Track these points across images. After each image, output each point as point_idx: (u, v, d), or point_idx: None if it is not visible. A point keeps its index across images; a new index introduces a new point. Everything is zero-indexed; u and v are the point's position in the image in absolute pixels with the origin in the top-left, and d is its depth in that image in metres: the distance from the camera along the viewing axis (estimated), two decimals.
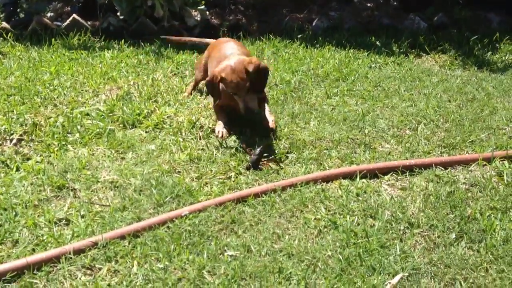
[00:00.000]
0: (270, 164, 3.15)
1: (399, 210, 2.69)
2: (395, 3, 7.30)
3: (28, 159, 3.21)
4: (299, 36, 5.99)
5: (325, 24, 6.42)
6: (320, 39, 5.92)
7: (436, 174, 3.03)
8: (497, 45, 5.81)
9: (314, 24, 6.42)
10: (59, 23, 6.03)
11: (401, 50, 5.61)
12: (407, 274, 2.26)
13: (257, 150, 3.13)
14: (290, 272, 2.26)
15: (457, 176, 3.03)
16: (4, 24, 5.85)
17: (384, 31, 6.17)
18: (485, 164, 3.15)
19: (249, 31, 6.20)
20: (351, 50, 5.53)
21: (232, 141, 3.42)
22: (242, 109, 3.43)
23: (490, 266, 2.32)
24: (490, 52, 5.60)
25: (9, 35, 5.60)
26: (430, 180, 2.99)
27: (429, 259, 2.35)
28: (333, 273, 2.26)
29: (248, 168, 3.10)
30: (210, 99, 3.82)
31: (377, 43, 5.84)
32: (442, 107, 4.02)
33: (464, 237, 2.49)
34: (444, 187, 2.89)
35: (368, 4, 7.26)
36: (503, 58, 5.50)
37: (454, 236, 2.50)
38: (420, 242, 2.48)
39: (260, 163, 3.13)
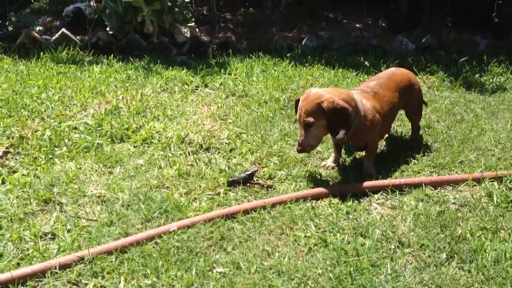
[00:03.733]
0: (257, 185, 3.12)
1: (390, 229, 2.67)
2: (383, 24, 7.38)
3: (14, 172, 3.17)
4: (288, 54, 6.03)
5: (314, 43, 6.46)
6: (309, 58, 5.95)
7: (426, 194, 3.02)
8: (485, 67, 5.88)
9: (303, 43, 6.46)
10: (48, 37, 5.99)
11: None
12: None
13: (250, 171, 3.11)
14: None
15: (447, 196, 3.03)
16: None
17: (372, 52, 6.22)
18: (475, 185, 3.15)
19: (238, 49, 6.22)
20: (340, 70, 5.55)
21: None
22: (296, 143, 3.16)
23: (481, 287, 2.30)
24: (478, 74, 5.66)
25: None
26: (420, 199, 2.98)
27: (420, 279, 2.33)
28: None
29: (230, 184, 3.07)
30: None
31: (366, 63, 5.88)
32: (431, 128, 4.04)
33: (454, 257, 2.48)
34: (434, 207, 2.89)
35: (357, 25, 7.33)
36: (491, 80, 5.56)
37: (444, 256, 2.48)
38: (411, 261, 2.46)
39: (248, 183, 3.10)
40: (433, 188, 3.09)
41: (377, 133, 3.32)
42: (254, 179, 3.11)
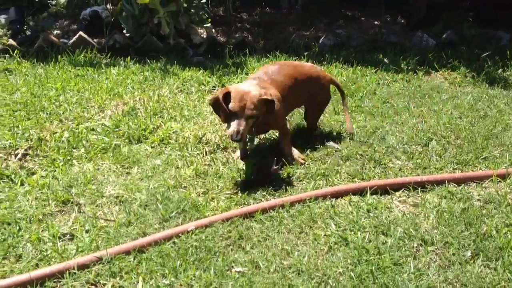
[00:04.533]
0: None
1: (412, 227, 2.61)
2: (402, 21, 7.29)
3: (33, 173, 3.17)
4: (305, 53, 5.97)
5: (332, 41, 6.39)
6: (327, 56, 5.88)
7: (449, 191, 2.95)
8: (508, 62, 5.75)
9: (320, 41, 6.40)
10: (65, 40, 6.03)
11: (409, 67, 5.57)
12: None
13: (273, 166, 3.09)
14: None
15: (471, 193, 2.95)
16: (11, 41, 5.85)
17: (391, 48, 6.13)
18: (500, 181, 3.07)
19: (255, 48, 6.18)
20: (359, 67, 5.49)
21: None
22: (230, 133, 3.00)
23: (508, 285, 2.23)
24: (501, 69, 5.55)
25: (15, 52, 5.59)
26: (443, 196, 2.91)
27: (445, 277, 2.27)
28: None
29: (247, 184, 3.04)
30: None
31: (385, 60, 5.80)
32: (453, 124, 3.95)
33: (480, 255, 2.41)
34: (458, 204, 2.81)
35: (375, 22, 7.25)
36: None
37: (469, 254, 2.41)
38: (434, 259, 2.40)
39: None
40: (456, 185, 3.01)
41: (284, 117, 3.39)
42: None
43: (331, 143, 3.55)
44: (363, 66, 5.56)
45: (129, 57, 5.60)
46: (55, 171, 3.20)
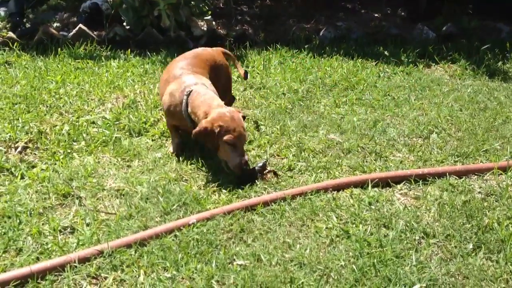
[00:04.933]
0: (268, 175, 3.06)
1: (414, 220, 2.61)
2: (402, 13, 7.27)
3: (33, 167, 3.16)
4: (306, 46, 5.95)
5: (332, 34, 6.37)
6: (327, 49, 5.86)
7: (450, 183, 2.95)
8: (507, 54, 5.75)
9: (321, 34, 6.38)
10: (65, 33, 6.00)
11: (409, 60, 5.56)
12: (424, 285, 2.18)
13: (261, 163, 3.06)
14: (302, 283, 2.19)
15: (472, 185, 2.95)
16: (11, 34, 5.82)
17: (392, 41, 6.12)
18: (501, 173, 3.07)
19: (255, 41, 6.16)
20: (359, 60, 5.48)
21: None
22: (238, 165, 2.98)
23: (510, 277, 2.23)
24: (501, 62, 5.54)
25: (15, 44, 5.55)
26: (445, 189, 2.91)
27: (447, 270, 2.27)
28: (347, 283, 2.18)
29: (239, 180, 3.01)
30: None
31: (385, 52, 5.79)
32: (453, 116, 3.95)
33: (482, 247, 2.41)
34: (459, 196, 2.81)
35: (376, 15, 7.23)
36: None
37: (471, 247, 2.42)
38: (436, 252, 2.40)
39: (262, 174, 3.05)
40: (457, 178, 3.01)
41: None
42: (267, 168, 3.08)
43: (332, 136, 3.55)
44: (363, 58, 5.55)
45: (129, 50, 5.58)
46: (55, 164, 3.19)
